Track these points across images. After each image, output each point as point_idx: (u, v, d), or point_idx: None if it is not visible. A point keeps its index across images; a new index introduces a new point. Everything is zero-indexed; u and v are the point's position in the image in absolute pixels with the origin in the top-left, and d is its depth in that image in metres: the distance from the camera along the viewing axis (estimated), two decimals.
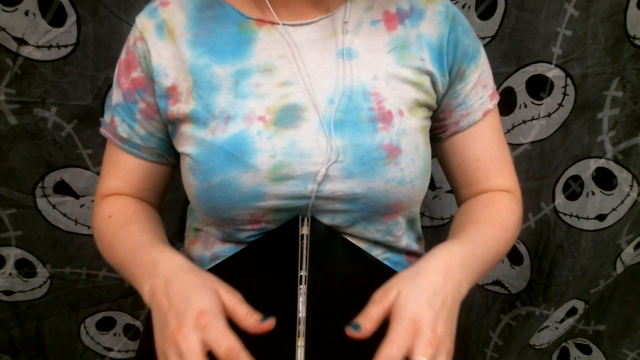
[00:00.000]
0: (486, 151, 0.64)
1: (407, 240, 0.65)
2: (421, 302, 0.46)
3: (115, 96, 0.62)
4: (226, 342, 0.43)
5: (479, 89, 0.63)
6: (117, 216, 0.62)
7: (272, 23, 0.58)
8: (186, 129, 0.58)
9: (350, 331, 0.46)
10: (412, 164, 0.57)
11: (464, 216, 0.63)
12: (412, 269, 0.50)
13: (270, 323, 0.46)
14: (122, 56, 0.62)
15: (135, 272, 0.53)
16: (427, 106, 0.60)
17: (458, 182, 0.68)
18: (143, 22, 0.59)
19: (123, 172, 0.64)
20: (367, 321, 0.46)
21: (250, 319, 0.46)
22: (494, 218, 0.61)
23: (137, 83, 0.60)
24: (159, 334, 0.46)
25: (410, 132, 0.57)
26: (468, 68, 0.61)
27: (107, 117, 0.64)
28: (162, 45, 0.58)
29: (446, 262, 0.50)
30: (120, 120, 0.62)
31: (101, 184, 0.66)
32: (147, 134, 0.62)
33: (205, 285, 0.47)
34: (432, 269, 0.50)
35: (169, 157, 0.65)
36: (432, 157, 0.63)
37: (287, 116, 0.55)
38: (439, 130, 0.66)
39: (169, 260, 0.51)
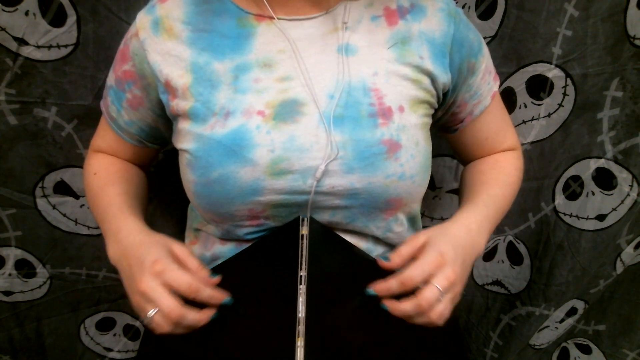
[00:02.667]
0: (495, 127, 0.70)
1: (408, 238, 0.65)
2: (448, 244, 0.55)
3: (110, 78, 0.66)
4: (184, 278, 0.50)
5: (486, 77, 0.65)
6: (101, 174, 0.68)
7: (272, 18, 0.58)
8: (184, 125, 0.58)
9: (381, 262, 0.55)
10: (413, 160, 0.57)
11: (474, 176, 0.70)
12: (439, 225, 0.59)
13: (217, 278, 0.53)
14: (121, 45, 0.63)
15: (105, 233, 0.61)
16: (428, 104, 0.60)
17: (469, 157, 0.73)
18: (142, 18, 0.60)
19: (109, 142, 0.70)
20: (396, 255, 0.55)
21: (200, 271, 0.53)
22: (502, 178, 0.68)
23: (128, 75, 0.62)
24: (129, 292, 0.54)
25: (410, 128, 0.57)
26: (477, 61, 0.63)
27: (105, 92, 0.68)
28: (157, 41, 0.58)
29: (467, 224, 0.60)
30: (111, 100, 0.66)
31: (94, 140, 0.72)
32: (129, 120, 0.65)
33: (157, 241, 0.55)
34: (456, 227, 0.59)
35: (149, 143, 0.69)
36: (433, 157, 0.63)
37: (287, 111, 0.55)
38: (455, 122, 0.68)
39: (128, 228, 0.59)
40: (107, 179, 0.67)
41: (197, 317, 0.50)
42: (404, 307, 0.51)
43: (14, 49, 0.73)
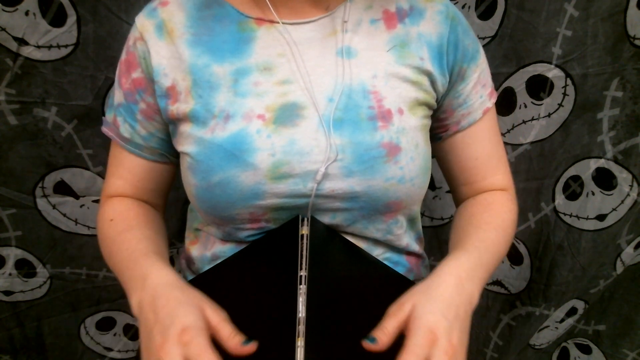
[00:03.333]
0: (484, 149, 0.65)
1: (407, 240, 0.65)
2: (436, 313, 0.48)
3: (117, 96, 0.62)
4: (207, 358, 0.43)
5: (479, 88, 0.63)
6: (118, 220, 0.62)
7: (271, 22, 0.58)
8: (185, 128, 0.58)
9: (367, 344, 0.47)
10: (412, 163, 0.57)
11: (465, 220, 0.64)
12: (425, 283, 0.52)
13: (251, 347, 0.46)
14: (123, 56, 0.62)
15: (126, 283, 0.54)
16: (427, 105, 0.60)
17: (456, 180, 0.68)
18: (143, 22, 0.59)
19: (126, 172, 0.65)
20: (383, 334, 0.48)
21: (234, 339, 0.46)
22: (494, 221, 0.62)
23: (138, 83, 0.60)
24: (145, 348, 0.47)
25: (410, 131, 0.57)
26: (469, 68, 0.62)
27: (109, 117, 0.64)
28: (161, 45, 0.58)
29: (457, 275, 0.52)
30: (122, 120, 0.62)
31: (106, 184, 0.66)
32: (148, 134, 0.62)
33: (191, 302, 0.48)
34: (444, 282, 0.51)
35: (171, 156, 0.65)
36: (432, 157, 0.63)
37: (287, 114, 0.55)
38: (440, 129, 0.66)
39: (158, 275, 0.51)
40: (125, 225, 0.61)
41: None
42: None
43: (14, 49, 0.73)
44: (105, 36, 0.76)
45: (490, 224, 0.62)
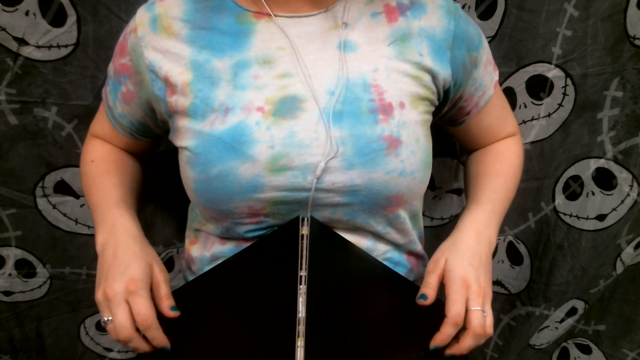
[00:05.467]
0: (498, 114, 0.72)
1: (409, 237, 0.65)
2: (465, 264, 0.58)
3: (110, 68, 0.66)
4: (144, 311, 0.52)
5: (488, 68, 0.66)
6: (98, 162, 0.70)
7: (270, 15, 0.58)
8: (184, 122, 0.58)
9: (420, 301, 0.57)
10: (413, 156, 0.57)
11: (477, 168, 0.73)
12: (450, 239, 0.62)
13: (175, 314, 0.55)
14: (121, 38, 0.64)
15: (97, 222, 0.63)
16: (429, 101, 0.60)
17: (475, 146, 0.76)
18: (141, 15, 0.60)
19: (105, 129, 0.71)
20: (430, 289, 0.58)
21: (167, 301, 0.55)
22: (505, 169, 0.70)
23: (124, 69, 0.62)
24: (98, 281, 0.57)
25: (410, 125, 0.57)
26: (479, 54, 0.64)
27: (107, 80, 0.68)
28: (156, 38, 0.58)
29: (475, 228, 0.62)
30: (110, 90, 0.66)
31: (93, 124, 0.74)
32: (122, 113, 0.66)
33: (145, 259, 0.57)
34: (466, 236, 0.62)
35: (140, 137, 0.70)
36: (434, 157, 0.63)
37: (286, 107, 0.55)
38: (462, 115, 0.69)
39: (124, 226, 0.61)
40: (104, 169, 0.69)
41: (140, 346, 0.54)
42: (466, 345, 0.55)
43: (14, 49, 0.73)
44: (105, 36, 0.76)
45: (500, 171, 0.70)
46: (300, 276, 0.53)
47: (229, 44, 0.57)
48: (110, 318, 0.53)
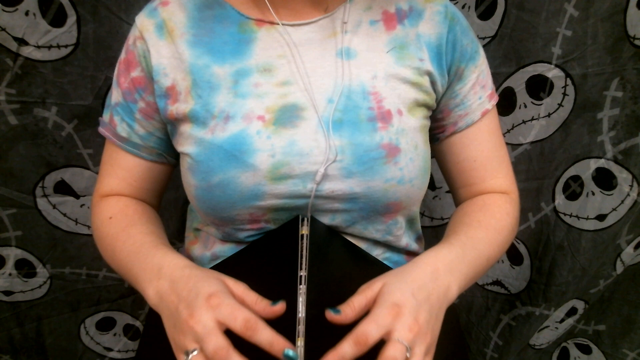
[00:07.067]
0: (483, 151, 0.64)
1: (406, 240, 0.65)
2: (405, 291, 0.47)
3: (115, 95, 0.62)
4: (242, 314, 0.44)
5: (477, 89, 0.63)
6: (118, 217, 0.62)
7: (272, 23, 0.58)
8: (185, 128, 0.58)
9: (329, 314, 0.47)
10: (412, 164, 0.57)
11: (458, 218, 0.63)
12: (399, 268, 0.52)
13: (281, 306, 0.47)
14: (122, 56, 0.62)
15: (138, 276, 0.54)
16: (427, 106, 0.60)
17: (455, 182, 0.68)
18: (143, 21, 0.59)
19: (122, 172, 0.64)
20: (349, 308, 0.47)
21: (261, 303, 0.47)
22: (487, 221, 0.60)
23: (137, 82, 0.60)
24: (172, 330, 0.47)
25: (409, 132, 0.57)
26: (467, 68, 0.61)
27: (106, 117, 0.64)
28: (162, 44, 0.58)
29: (433, 264, 0.52)
30: (120, 119, 0.62)
31: (99, 184, 0.66)
32: (146, 133, 0.62)
33: (212, 276, 0.49)
34: (418, 268, 0.51)
35: (169, 156, 0.65)
36: (432, 157, 0.63)
37: (287, 116, 0.55)
38: (438, 130, 0.66)
39: (173, 263, 0.52)
40: (127, 221, 0.61)
41: None
42: None
43: (14, 49, 0.73)
44: (105, 36, 0.76)
45: (482, 222, 0.60)
46: (300, 276, 0.53)
47: (230, 52, 0.57)
48: (195, 349, 0.43)
